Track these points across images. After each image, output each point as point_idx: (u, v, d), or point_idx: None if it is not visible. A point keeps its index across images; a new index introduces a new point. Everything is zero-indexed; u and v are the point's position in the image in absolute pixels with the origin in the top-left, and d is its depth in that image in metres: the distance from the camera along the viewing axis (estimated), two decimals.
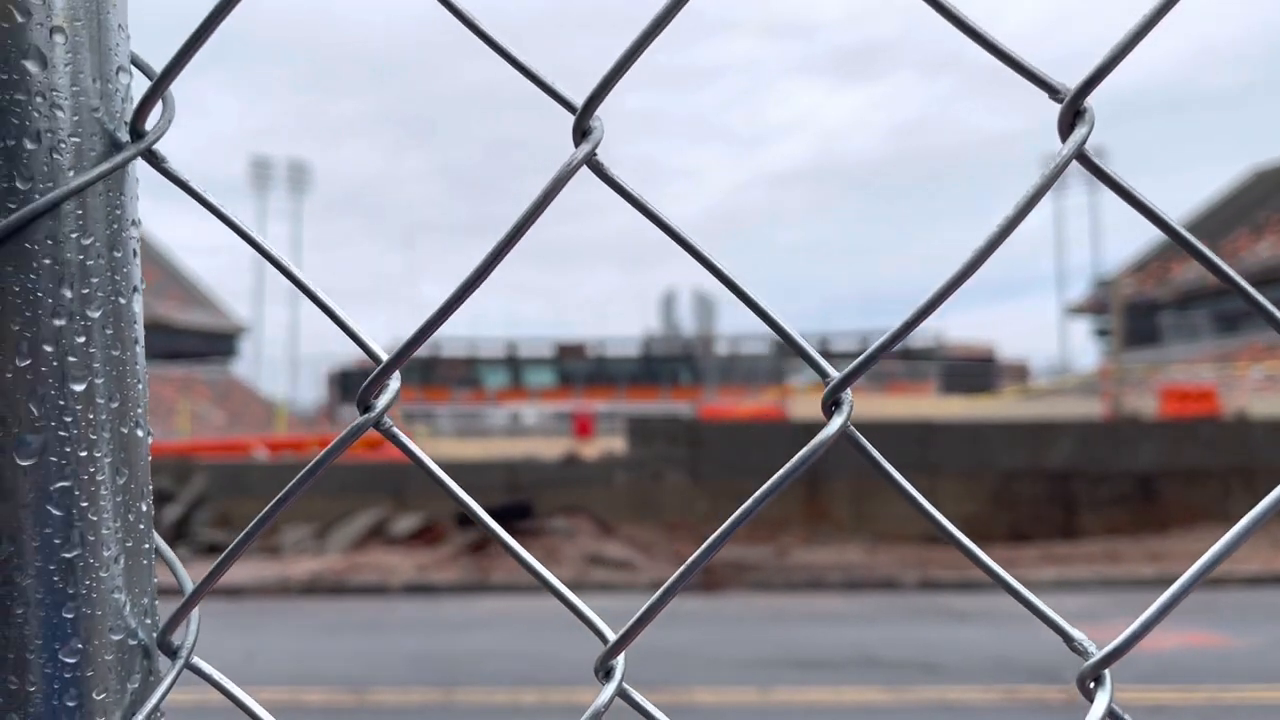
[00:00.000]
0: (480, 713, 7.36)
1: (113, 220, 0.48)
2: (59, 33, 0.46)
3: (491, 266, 0.48)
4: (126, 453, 0.48)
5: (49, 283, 0.46)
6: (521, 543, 2.91)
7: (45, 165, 0.46)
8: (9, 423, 0.45)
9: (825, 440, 0.46)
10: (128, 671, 0.48)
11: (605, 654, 0.50)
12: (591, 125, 0.49)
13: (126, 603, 0.48)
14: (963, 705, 7.34)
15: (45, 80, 0.46)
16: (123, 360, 0.48)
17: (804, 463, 0.45)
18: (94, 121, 0.47)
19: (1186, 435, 16.35)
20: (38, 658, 0.46)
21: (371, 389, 0.51)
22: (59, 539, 0.46)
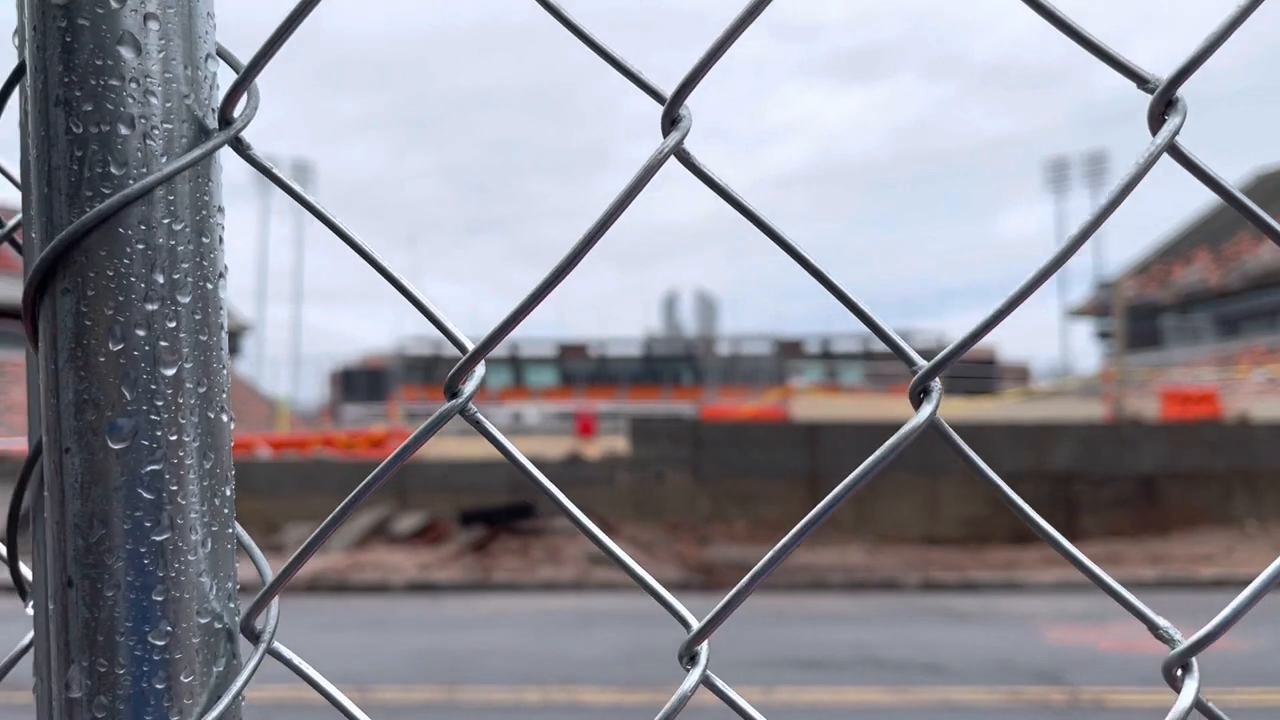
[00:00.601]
0: (483, 711, 7.36)
1: (200, 206, 0.48)
2: (152, 19, 0.46)
3: (582, 254, 0.49)
4: (213, 437, 0.49)
5: (142, 267, 0.46)
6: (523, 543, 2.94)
7: (139, 151, 0.46)
8: (102, 406, 0.46)
9: (915, 428, 0.47)
10: (213, 655, 0.49)
11: (689, 640, 0.50)
12: (680, 114, 0.49)
13: (212, 587, 0.48)
14: (966, 706, 7.35)
15: (139, 66, 0.46)
16: (209, 345, 0.48)
17: (893, 451, 0.46)
18: (184, 108, 0.47)
19: (1188, 438, 16.35)
20: (127, 640, 0.46)
21: (459, 376, 0.52)
22: (149, 522, 0.46)
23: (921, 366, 0.48)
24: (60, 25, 0.45)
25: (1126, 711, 7.13)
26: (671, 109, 0.49)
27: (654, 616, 10.95)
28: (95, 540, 0.46)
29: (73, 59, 0.46)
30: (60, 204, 0.46)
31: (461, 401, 0.52)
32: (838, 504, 0.46)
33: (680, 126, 0.49)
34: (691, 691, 0.52)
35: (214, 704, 0.48)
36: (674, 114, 0.49)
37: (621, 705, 7.36)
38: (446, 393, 0.53)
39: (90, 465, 0.46)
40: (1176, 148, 0.44)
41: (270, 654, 0.53)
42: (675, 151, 0.48)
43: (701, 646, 0.51)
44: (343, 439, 25.92)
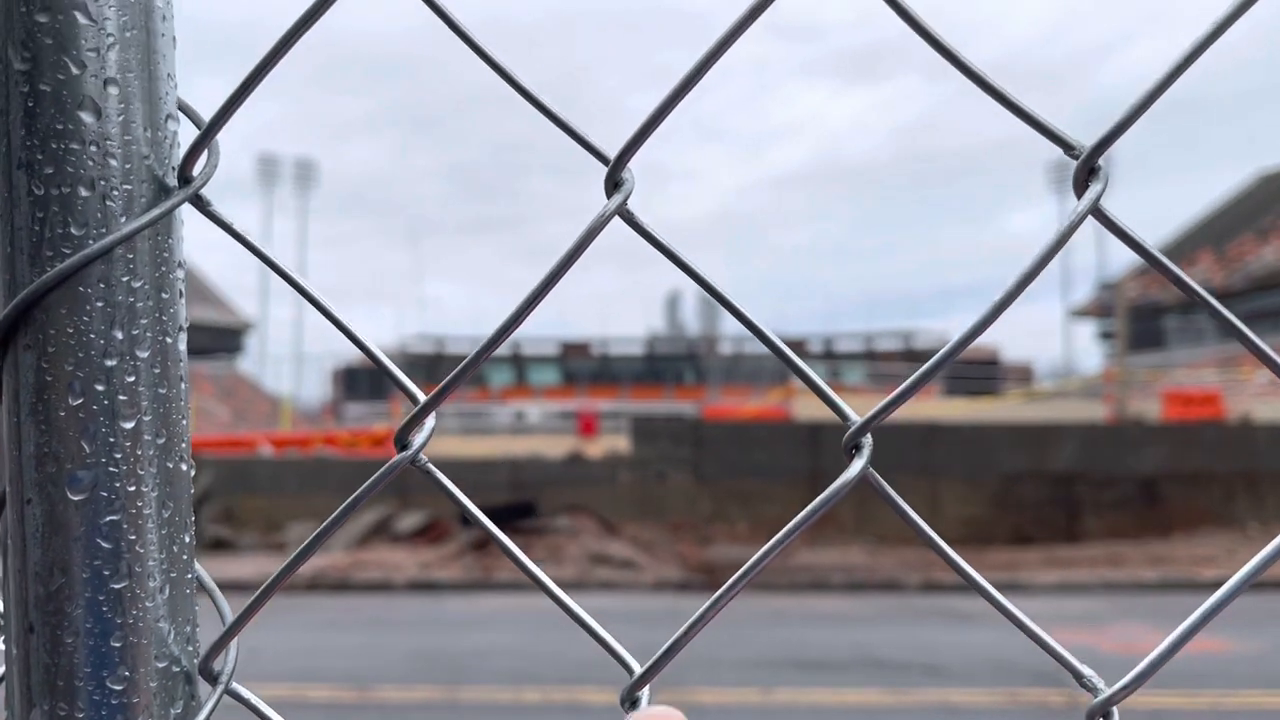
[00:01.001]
0: (483, 710, 7.39)
1: (160, 263, 0.50)
2: (112, 84, 0.48)
3: (523, 316, 0.50)
4: (171, 486, 0.50)
5: (101, 324, 0.48)
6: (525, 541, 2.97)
7: (99, 211, 0.48)
8: (61, 459, 0.47)
9: (846, 484, 0.48)
10: (171, 697, 0.50)
11: (631, 685, 0.52)
12: (623, 177, 0.50)
13: (170, 631, 0.50)
14: (965, 707, 7.36)
15: (99, 130, 0.48)
16: (169, 398, 0.50)
17: (823, 506, 0.47)
18: (144, 168, 0.49)
19: (1190, 439, 16.35)
20: (86, 685, 0.48)
21: (409, 428, 0.53)
22: (108, 570, 0.48)
23: (854, 422, 0.50)
24: (23, 90, 0.47)
25: (1127, 713, 7.11)
26: (614, 172, 0.50)
27: (655, 615, 10.97)
28: (55, 588, 0.48)
29: (34, 123, 0.47)
30: (22, 263, 0.48)
31: (411, 453, 0.54)
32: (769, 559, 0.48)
33: (622, 190, 0.50)
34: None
35: None
36: (616, 177, 0.50)
37: None
38: (396, 444, 0.54)
39: (50, 516, 0.48)
40: (1100, 211, 0.45)
41: (229, 694, 0.55)
42: (619, 212, 0.50)
43: (643, 692, 0.52)
44: (345, 437, 25.98)
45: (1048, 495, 15.41)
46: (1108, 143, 0.43)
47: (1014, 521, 15.21)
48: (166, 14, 0.50)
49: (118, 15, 0.48)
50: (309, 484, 16.13)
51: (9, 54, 0.47)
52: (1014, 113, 0.45)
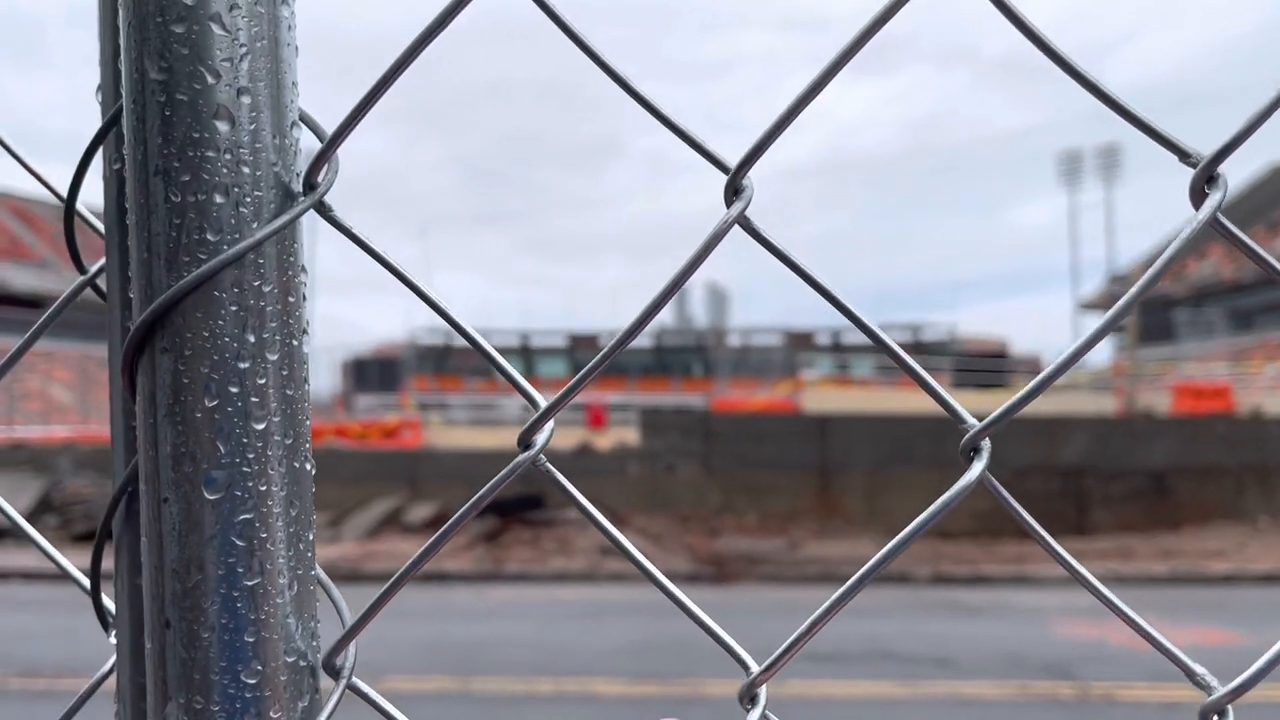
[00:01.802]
0: (496, 701, 7.41)
1: (286, 267, 0.51)
2: (245, 93, 0.49)
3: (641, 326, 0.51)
4: (298, 486, 0.52)
5: (234, 328, 0.49)
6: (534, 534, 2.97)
7: (232, 218, 0.49)
8: (198, 459, 0.49)
9: (967, 487, 0.49)
10: (299, 691, 0.52)
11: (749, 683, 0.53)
12: (743, 184, 0.51)
13: (298, 627, 0.51)
14: (976, 700, 7.37)
15: (232, 138, 0.49)
16: (295, 399, 0.51)
17: (942, 510, 0.48)
18: (272, 175, 0.50)
19: (1200, 432, 16.30)
20: (221, 679, 0.49)
21: (533, 430, 0.55)
22: (241, 568, 0.49)
23: (972, 425, 0.50)
24: (159, 100, 0.48)
25: (1138, 706, 7.14)
26: (735, 179, 0.51)
27: (665, 609, 10.98)
28: (192, 585, 0.49)
29: (171, 131, 0.48)
30: (159, 268, 0.49)
31: (533, 454, 0.55)
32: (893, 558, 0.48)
33: (743, 197, 0.51)
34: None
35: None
36: (737, 184, 0.51)
37: (632, 696, 7.41)
38: (520, 444, 0.55)
39: (187, 515, 0.49)
40: (1219, 220, 0.46)
41: (350, 689, 0.56)
42: (739, 221, 0.51)
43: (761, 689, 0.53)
44: (356, 429, 26.04)
45: (1057, 488, 15.39)
46: (1227, 152, 0.43)
47: None
48: (291, 24, 0.51)
49: (249, 25, 0.49)
50: (320, 475, 15.85)
51: (145, 64, 0.48)
52: (1130, 121, 0.46)
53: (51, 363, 41.14)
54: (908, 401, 25.63)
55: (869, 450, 15.70)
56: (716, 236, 0.50)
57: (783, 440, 16.15)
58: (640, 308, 0.52)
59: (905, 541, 0.49)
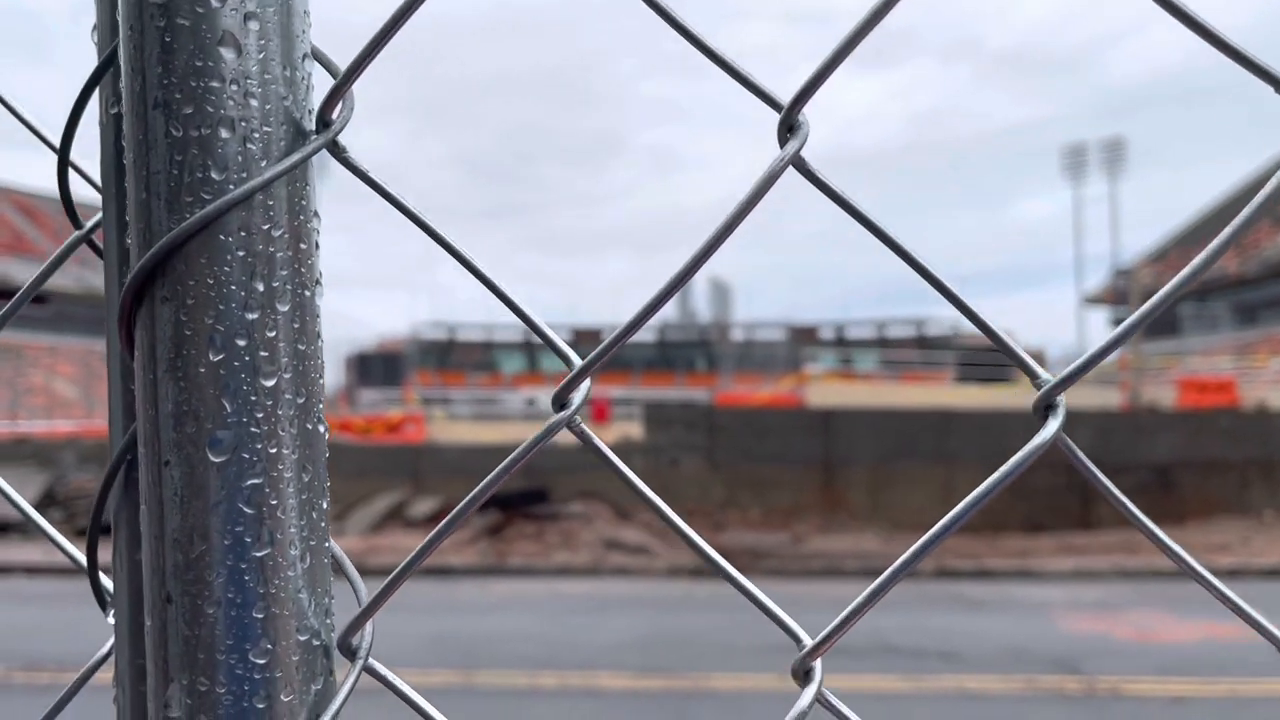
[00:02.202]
0: (500, 695, 7.39)
1: (298, 211, 0.47)
2: (252, 18, 0.44)
3: (693, 271, 0.47)
4: (310, 449, 0.47)
5: (242, 275, 0.45)
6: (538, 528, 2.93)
7: (239, 155, 0.45)
8: (202, 418, 0.44)
9: (1041, 445, 0.45)
10: (312, 673, 0.47)
11: (804, 656, 0.49)
12: (798, 121, 0.47)
13: (311, 603, 0.47)
14: (981, 694, 7.34)
15: (239, 67, 0.44)
16: (307, 355, 0.47)
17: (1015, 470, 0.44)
18: (283, 110, 0.46)
19: (1205, 426, 16.25)
20: (228, 658, 0.45)
21: (568, 389, 0.51)
22: (250, 537, 0.45)
23: (1047, 381, 0.46)
24: (159, 25, 0.44)
25: (1143, 700, 7.11)
26: (789, 115, 0.47)
27: (669, 602, 10.96)
28: (195, 556, 0.45)
29: (172, 60, 0.44)
30: (159, 210, 0.44)
31: (570, 413, 0.51)
32: (957, 525, 0.45)
33: (798, 135, 0.47)
34: (808, 709, 0.50)
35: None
36: (791, 120, 0.47)
37: (637, 690, 7.38)
38: (555, 404, 0.51)
39: (190, 479, 0.45)
40: None
41: (367, 671, 0.52)
42: (793, 162, 0.47)
43: (816, 663, 0.49)
44: (359, 423, 26.02)
45: (1062, 482, 15.34)
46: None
47: (1028, 509, 15.15)
48: None
49: None
50: None
51: None
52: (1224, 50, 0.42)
53: (55, 357, 41.18)
54: (912, 396, 25.57)
55: (873, 445, 15.66)
56: (772, 176, 0.46)
57: (786, 435, 16.11)
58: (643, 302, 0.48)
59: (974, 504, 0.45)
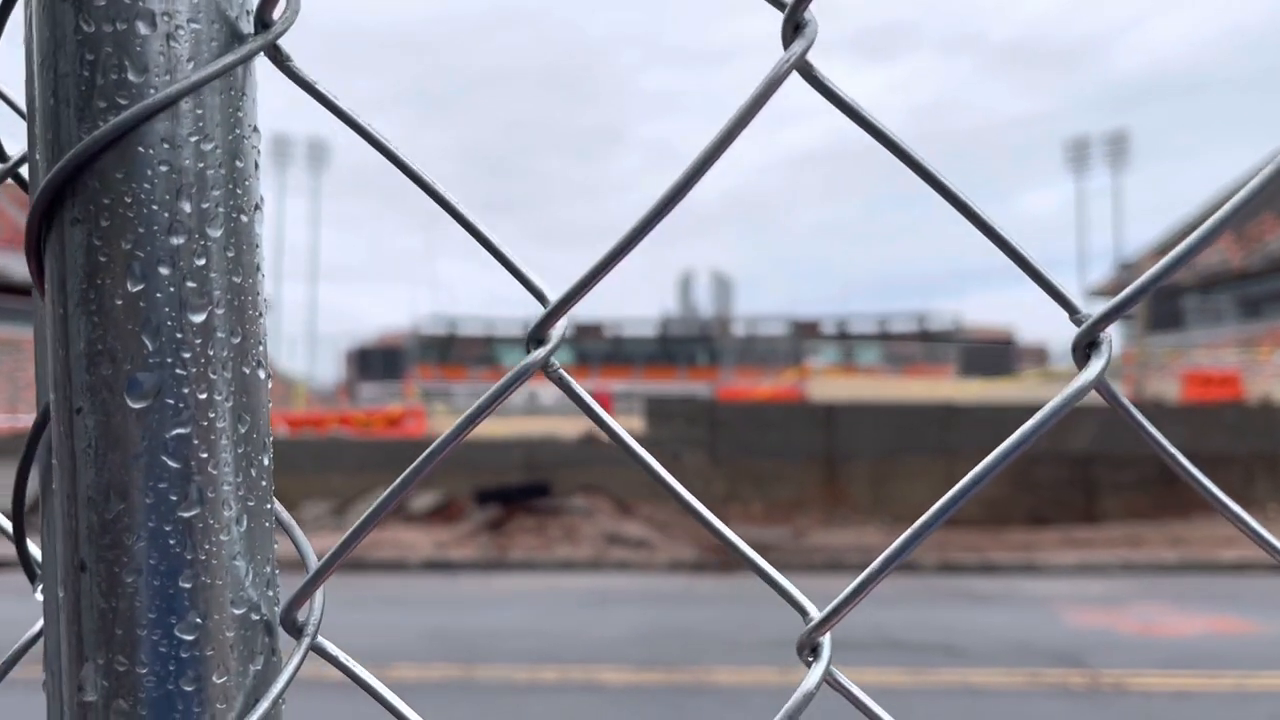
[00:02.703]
0: (500, 689, 7.34)
1: (233, 124, 0.41)
2: None
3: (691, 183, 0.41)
4: (248, 396, 0.41)
5: (165, 194, 0.39)
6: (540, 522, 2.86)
7: (161, 55, 0.39)
8: (119, 358, 0.38)
9: (1084, 386, 0.40)
10: (250, 651, 0.41)
11: (810, 630, 0.43)
12: (805, 18, 0.41)
13: (248, 572, 0.41)
14: (984, 688, 7.29)
15: None
16: (244, 288, 0.41)
17: (1057, 412, 0.39)
18: (213, 6, 0.40)
19: (1210, 420, 16.19)
20: (150, 634, 0.39)
21: (544, 325, 0.45)
22: (175, 495, 0.39)
23: (1087, 316, 0.41)
24: None
25: (1148, 695, 7.06)
26: (795, 12, 0.41)
27: (670, 596, 10.91)
28: (112, 516, 0.39)
29: None
30: (68, 118, 0.38)
31: (546, 352, 0.45)
32: (983, 481, 0.39)
33: (805, 34, 0.41)
34: (816, 689, 0.45)
35: (252, 708, 0.41)
36: (798, 18, 0.41)
37: (638, 685, 7.34)
38: (529, 343, 0.46)
39: (106, 428, 0.39)
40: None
41: (314, 650, 0.46)
42: (798, 65, 0.41)
43: (824, 639, 0.44)
44: (359, 417, 25.98)
45: (1066, 476, 15.29)
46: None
47: (1032, 502, 15.10)
48: None
49: None
50: (324, 464, 16.12)
51: None
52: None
53: None
54: (914, 390, 25.52)
55: (875, 439, 15.61)
56: (775, 80, 0.40)
57: (788, 429, 16.07)
58: (644, 297, 0.42)
59: (1007, 454, 0.39)
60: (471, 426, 0.44)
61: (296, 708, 0.48)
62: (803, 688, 0.45)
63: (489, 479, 15.18)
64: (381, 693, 0.48)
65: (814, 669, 0.44)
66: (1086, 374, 0.40)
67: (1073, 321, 0.42)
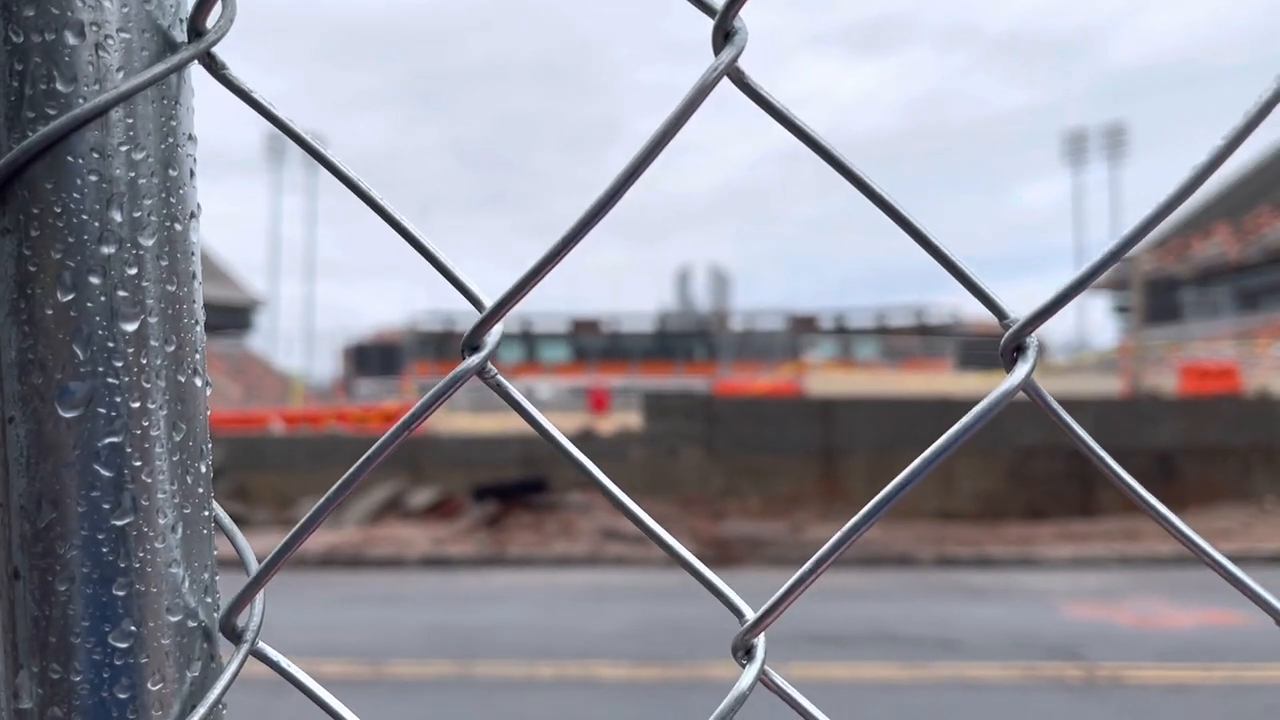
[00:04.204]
0: (497, 685, 7.35)
1: (167, 133, 0.41)
2: None
3: (618, 194, 0.42)
4: (183, 404, 0.41)
5: (95, 203, 0.39)
6: (537, 518, 2.86)
7: (90, 64, 0.39)
8: (50, 368, 0.39)
9: (1009, 391, 0.40)
10: (187, 657, 0.42)
11: (744, 632, 0.43)
12: (735, 26, 0.41)
13: (185, 578, 0.41)
14: (981, 683, 7.30)
15: None
16: (179, 297, 0.41)
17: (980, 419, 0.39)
18: (145, 15, 0.40)
19: (1207, 413, 16.20)
20: (84, 642, 0.39)
21: (479, 331, 0.45)
22: (108, 503, 0.39)
23: (1015, 320, 0.41)
24: None
25: (1144, 688, 7.07)
26: (725, 20, 0.41)
27: (667, 591, 10.93)
28: (45, 525, 0.39)
29: None
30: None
31: (481, 358, 0.45)
32: (912, 483, 0.39)
33: (735, 42, 0.41)
34: (749, 690, 0.45)
35: (189, 714, 0.42)
36: (727, 26, 0.41)
37: (635, 680, 7.35)
38: (465, 349, 0.46)
39: (38, 437, 0.39)
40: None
41: (254, 655, 0.47)
42: (728, 71, 0.41)
43: (758, 639, 0.44)
44: (356, 414, 26.00)
45: (1062, 469, 15.30)
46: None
47: (1028, 496, 15.12)
48: None
49: None
50: (321, 460, 16.13)
51: None
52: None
53: None
54: (911, 384, 25.53)
55: (872, 433, 15.62)
56: (705, 87, 0.40)
57: (786, 423, 16.08)
58: (642, 292, 0.43)
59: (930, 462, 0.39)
60: (408, 431, 0.44)
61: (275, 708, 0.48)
62: (736, 689, 0.45)
63: (486, 475, 15.19)
64: (320, 695, 0.48)
65: (748, 670, 0.44)
66: (1013, 378, 0.40)
67: (1001, 326, 0.42)
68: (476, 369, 0.45)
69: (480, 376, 0.46)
